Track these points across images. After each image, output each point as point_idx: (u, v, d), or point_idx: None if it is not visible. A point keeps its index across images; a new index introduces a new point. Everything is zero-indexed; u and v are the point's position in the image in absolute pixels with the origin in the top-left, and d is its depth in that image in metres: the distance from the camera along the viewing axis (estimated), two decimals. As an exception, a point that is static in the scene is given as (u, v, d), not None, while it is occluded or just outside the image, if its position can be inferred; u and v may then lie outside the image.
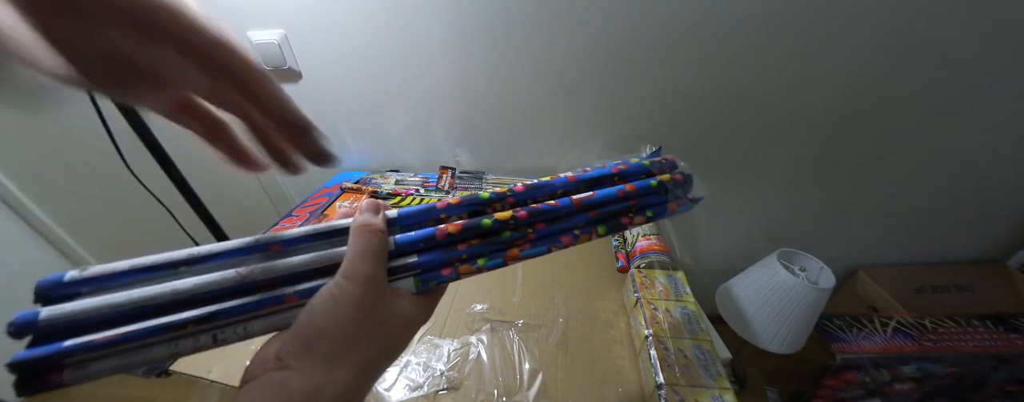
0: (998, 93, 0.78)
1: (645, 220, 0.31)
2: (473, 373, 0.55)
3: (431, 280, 0.25)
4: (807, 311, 0.78)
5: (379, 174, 0.98)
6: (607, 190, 0.30)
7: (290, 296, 0.22)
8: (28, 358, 0.19)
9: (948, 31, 0.72)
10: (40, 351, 0.19)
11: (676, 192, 0.31)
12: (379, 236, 0.23)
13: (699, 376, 0.49)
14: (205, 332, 0.21)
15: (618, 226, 0.30)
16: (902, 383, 0.96)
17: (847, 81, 0.79)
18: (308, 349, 0.19)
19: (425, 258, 0.25)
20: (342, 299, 0.20)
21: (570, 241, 0.29)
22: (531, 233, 0.28)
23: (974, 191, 0.95)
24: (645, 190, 0.31)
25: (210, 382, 0.54)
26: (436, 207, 0.27)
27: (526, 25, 0.78)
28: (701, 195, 0.33)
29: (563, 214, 0.29)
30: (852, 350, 0.94)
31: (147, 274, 0.22)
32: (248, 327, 0.22)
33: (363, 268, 0.22)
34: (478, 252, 0.27)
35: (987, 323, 0.97)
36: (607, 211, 0.30)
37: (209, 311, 0.21)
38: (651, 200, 0.31)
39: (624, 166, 0.32)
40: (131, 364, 0.20)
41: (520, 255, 0.27)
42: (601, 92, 0.87)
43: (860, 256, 1.15)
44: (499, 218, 0.27)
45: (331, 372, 0.19)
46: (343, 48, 0.85)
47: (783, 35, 0.74)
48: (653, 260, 0.67)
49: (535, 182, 0.30)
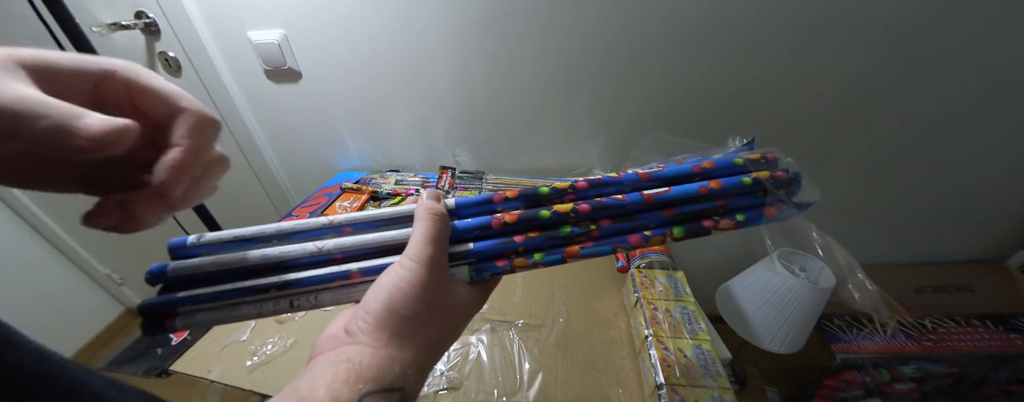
0: (998, 93, 0.78)
1: (734, 225, 0.26)
2: (473, 373, 0.55)
3: (485, 270, 0.25)
4: (807, 311, 0.78)
5: (379, 174, 0.98)
6: (686, 186, 0.26)
7: (354, 273, 0.24)
8: (152, 304, 0.23)
9: (948, 31, 0.72)
10: (161, 299, 0.23)
11: (777, 193, 0.26)
12: (443, 221, 0.24)
13: (699, 376, 0.49)
14: (284, 297, 0.24)
15: (700, 230, 0.26)
16: (902, 383, 0.96)
17: (846, 80, 0.79)
18: (379, 326, 0.20)
19: (480, 246, 0.25)
20: (411, 279, 0.21)
21: (639, 242, 0.25)
22: (594, 230, 0.25)
23: (974, 191, 0.95)
24: (735, 188, 0.26)
25: (210, 382, 0.54)
26: (493, 199, 0.27)
27: (525, 25, 0.78)
28: (811, 199, 0.27)
29: (631, 211, 0.26)
30: (852, 350, 0.94)
31: (247, 244, 0.25)
32: (319, 297, 0.24)
33: (429, 251, 0.22)
34: (535, 246, 0.25)
35: (987, 323, 0.97)
36: (687, 211, 0.26)
37: (286, 279, 0.23)
38: (743, 201, 0.26)
39: (710, 164, 0.27)
40: (226, 318, 0.23)
41: (581, 253, 0.25)
42: (600, 91, 0.87)
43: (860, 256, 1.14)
44: (558, 210, 0.25)
45: (400, 349, 0.20)
46: (343, 48, 0.85)
47: (781, 34, 0.74)
48: (653, 260, 0.67)
49: (601, 177, 0.27)
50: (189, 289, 0.23)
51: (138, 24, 0.86)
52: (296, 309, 0.24)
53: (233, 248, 0.25)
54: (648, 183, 0.27)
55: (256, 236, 0.25)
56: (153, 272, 0.24)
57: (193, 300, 0.23)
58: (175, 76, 0.93)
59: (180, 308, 0.23)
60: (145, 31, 0.88)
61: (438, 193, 0.26)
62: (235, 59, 0.91)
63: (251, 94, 0.97)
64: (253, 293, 0.23)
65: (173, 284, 0.24)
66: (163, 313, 0.23)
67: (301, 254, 0.24)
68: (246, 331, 0.60)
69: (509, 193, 0.27)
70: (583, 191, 0.27)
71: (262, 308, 0.23)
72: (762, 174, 0.26)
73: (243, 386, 0.53)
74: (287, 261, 0.24)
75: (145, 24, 0.86)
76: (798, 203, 0.27)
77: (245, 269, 0.24)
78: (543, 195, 0.26)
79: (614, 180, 0.27)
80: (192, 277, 0.24)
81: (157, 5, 0.83)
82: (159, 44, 0.89)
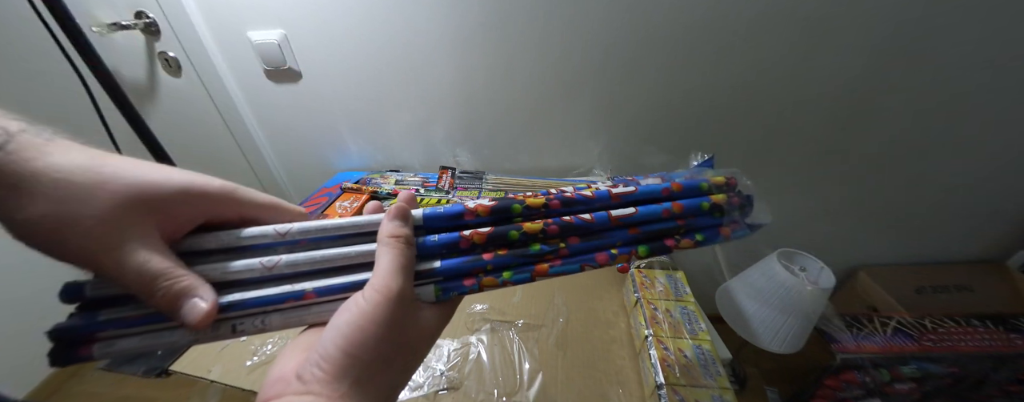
0: (998, 92, 0.78)
1: (693, 244, 0.28)
2: (473, 373, 0.55)
3: (452, 290, 0.24)
4: (807, 311, 0.78)
5: (379, 174, 0.98)
6: (651, 207, 0.27)
7: (309, 293, 0.22)
8: (66, 328, 0.20)
9: (947, 30, 0.72)
10: (76, 322, 0.20)
11: (732, 215, 0.28)
12: (410, 246, 0.22)
13: (699, 376, 0.49)
14: (225, 321, 0.21)
15: (662, 248, 0.27)
16: (902, 383, 0.96)
17: (846, 79, 0.79)
18: (338, 375, 0.17)
19: (447, 264, 0.24)
20: (375, 317, 0.19)
21: (606, 260, 0.26)
22: (563, 248, 0.26)
23: (974, 191, 0.95)
24: (695, 211, 0.28)
25: (210, 382, 0.54)
26: (463, 213, 0.26)
27: (525, 25, 0.78)
28: (763, 220, 0.29)
29: (598, 229, 0.26)
30: (852, 350, 0.93)
31: (187, 258, 0.22)
32: (266, 320, 0.21)
33: (395, 284, 0.20)
34: (504, 264, 0.25)
35: (987, 323, 0.97)
36: (650, 230, 0.27)
37: (230, 300, 0.21)
38: (702, 221, 0.28)
39: (678, 186, 0.29)
40: (153, 346, 0.20)
41: (549, 271, 0.25)
42: (600, 92, 0.87)
43: (860, 256, 1.15)
44: (528, 230, 0.25)
45: (358, 398, 0.18)
46: (343, 48, 0.85)
47: (781, 36, 0.74)
48: (653, 260, 0.67)
49: (574, 195, 0.27)
50: (112, 309, 0.20)
51: (138, 24, 0.86)
52: (239, 334, 0.21)
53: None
54: (618, 204, 0.28)
55: (195, 249, 0.22)
56: (68, 289, 0.20)
57: (117, 323, 0.20)
58: (175, 76, 0.93)
59: (99, 333, 0.20)
60: (145, 31, 0.88)
61: (403, 211, 0.24)
62: (235, 59, 0.91)
63: (251, 94, 0.97)
64: None
65: (92, 303, 0.20)
66: (78, 339, 0.20)
67: (244, 273, 0.22)
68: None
69: (480, 209, 0.26)
70: (555, 210, 0.27)
71: (198, 334, 0.21)
72: (719, 198, 0.28)
73: (243, 386, 0.53)
74: (229, 281, 0.22)
75: (145, 24, 0.86)
76: (750, 224, 0.29)
77: None
78: (515, 212, 0.26)
79: (586, 199, 0.27)
80: (118, 297, 0.21)
81: (157, 5, 0.83)
82: (159, 44, 0.89)
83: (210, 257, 0.22)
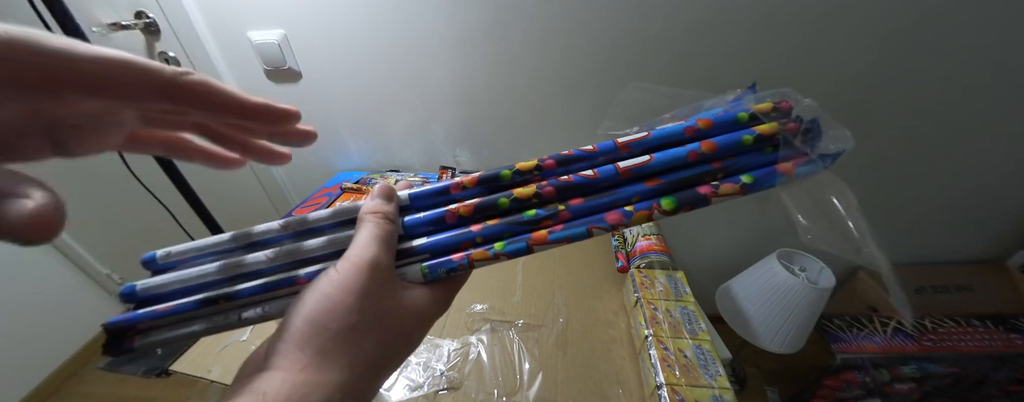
0: (998, 92, 0.78)
1: (740, 189, 0.21)
2: (473, 373, 0.55)
3: (439, 267, 0.22)
4: (807, 311, 0.78)
5: (379, 174, 0.99)
6: (672, 151, 0.22)
7: (301, 279, 0.22)
8: (116, 321, 0.22)
9: (947, 30, 0.72)
10: (124, 317, 0.22)
11: (793, 146, 0.22)
12: (389, 223, 0.21)
13: (699, 376, 0.49)
14: (232, 310, 0.22)
15: (695, 198, 0.21)
16: (902, 383, 0.97)
17: (846, 78, 0.79)
18: (299, 344, 0.16)
19: (433, 240, 0.22)
20: (344, 284, 0.18)
21: (619, 219, 0.21)
22: (563, 211, 0.22)
23: (974, 191, 0.95)
24: (734, 147, 0.22)
25: (210, 382, 0.54)
26: (450, 188, 0.24)
27: (525, 24, 0.78)
28: (844, 146, 0.22)
29: (604, 186, 0.22)
30: (852, 350, 0.94)
31: (210, 256, 0.24)
32: (266, 308, 0.22)
33: (371, 251, 0.19)
34: (495, 233, 0.22)
35: (987, 323, 0.97)
36: (675, 178, 0.22)
37: (235, 289, 0.22)
38: (749, 160, 0.22)
39: (707, 122, 0.23)
40: (178, 336, 0.22)
41: (549, 238, 0.21)
42: (601, 92, 0.87)
43: (860, 256, 1.15)
44: (519, 196, 0.22)
45: (324, 372, 0.16)
46: (343, 48, 0.85)
47: (781, 36, 0.74)
48: (653, 260, 0.67)
49: (571, 151, 0.23)
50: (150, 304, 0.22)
51: (138, 24, 0.86)
52: (244, 323, 0.22)
53: (197, 261, 0.24)
54: (627, 154, 0.23)
55: (213, 248, 0.24)
56: (124, 292, 0.23)
57: (151, 315, 0.22)
58: (175, 76, 0.93)
59: (139, 324, 0.22)
60: (145, 31, 0.88)
61: (388, 190, 0.23)
62: (235, 59, 0.91)
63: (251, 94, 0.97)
64: (205, 305, 0.22)
65: (145, 303, 0.23)
66: (125, 331, 0.22)
67: (252, 265, 0.23)
68: (246, 331, 0.60)
69: (467, 181, 0.23)
70: (550, 171, 0.23)
71: (213, 322, 0.22)
72: (767, 127, 0.22)
73: (243, 386, 0.53)
74: (242, 272, 0.23)
75: (145, 24, 0.86)
76: (823, 154, 0.22)
77: (206, 284, 0.23)
78: (504, 178, 0.23)
79: (586, 153, 0.23)
80: (160, 295, 0.23)
81: (157, 5, 0.83)
82: (159, 44, 0.89)
83: (230, 253, 0.24)
